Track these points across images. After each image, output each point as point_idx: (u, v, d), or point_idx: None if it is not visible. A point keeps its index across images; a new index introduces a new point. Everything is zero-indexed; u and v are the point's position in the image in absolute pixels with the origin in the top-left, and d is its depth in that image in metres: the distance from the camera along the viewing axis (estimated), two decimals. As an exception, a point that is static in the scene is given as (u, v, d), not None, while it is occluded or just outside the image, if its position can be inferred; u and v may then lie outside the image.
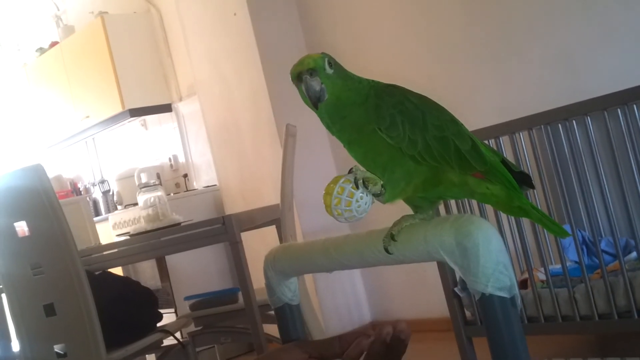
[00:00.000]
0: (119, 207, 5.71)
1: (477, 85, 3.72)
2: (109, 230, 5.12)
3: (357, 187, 0.99)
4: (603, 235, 2.83)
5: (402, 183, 1.04)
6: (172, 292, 4.57)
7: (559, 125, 2.67)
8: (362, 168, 1.03)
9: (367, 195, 1.00)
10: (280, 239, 3.13)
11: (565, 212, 2.65)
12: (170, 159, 5.80)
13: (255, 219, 3.10)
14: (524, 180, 1.12)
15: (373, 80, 1.08)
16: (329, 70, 1.03)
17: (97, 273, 2.85)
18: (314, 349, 0.84)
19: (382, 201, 1.04)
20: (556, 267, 2.82)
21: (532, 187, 1.14)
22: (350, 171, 1.01)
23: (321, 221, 4.34)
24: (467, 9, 3.73)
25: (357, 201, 0.99)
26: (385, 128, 1.02)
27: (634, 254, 2.62)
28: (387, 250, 1.08)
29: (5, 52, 7.33)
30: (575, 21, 3.31)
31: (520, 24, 3.52)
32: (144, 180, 3.75)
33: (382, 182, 1.02)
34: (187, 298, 3.32)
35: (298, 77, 1.03)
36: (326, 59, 1.03)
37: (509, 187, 1.07)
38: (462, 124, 1.08)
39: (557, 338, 3.20)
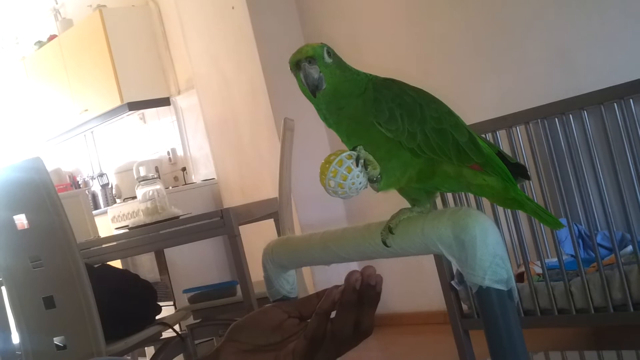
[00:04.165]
0: (117, 200, 5.71)
1: (474, 79, 3.73)
2: (108, 224, 5.13)
3: (357, 165, 0.99)
4: (599, 229, 2.84)
5: (397, 173, 1.05)
6: (170, 285, 4.59)
7: (556, 120, 2.68)
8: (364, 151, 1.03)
9: (363, 177, 1.00)
10: (279, 232, 3.14)
11: (561, 205, 2.66)
12: (168, 153, 5.80)
13: (253, 213, 3.11)
14: (520, 172, 1.13)
15: (371, 74, 1.08)
16: (328, 60, 1.03)
17: (96, 266, 2.86)
18: (293, 308, 0.84)
19: (376, 189, 1.05)
20: (552, 260, 2.83)
21: (528, 178, 1.15)
22: (354, 149, 1.01)
23: (319, 214, 4.35)
24: (464, 3, 3.73)
25: (352, 178, 0.99)
26: (384, 122, 1.03)
27: (629, 248, 2.63)
28: (385, 243, 1.09)
29: (3, 45, 7.32)
30: (572, 16, 3.31)
31: (518, 18, 3.52)
32: (142, 173, 3.75)
33: (379, 170, 1.02)
34: (185, 291, 3.33)
35: (297, 65, 1.03)
36: (325, 49, 1.03)
37: (505, 178, 1.08)
38: (459, 117, 1.09)
39: (553, 331, 3.22)
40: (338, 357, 0.81)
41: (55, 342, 2.59)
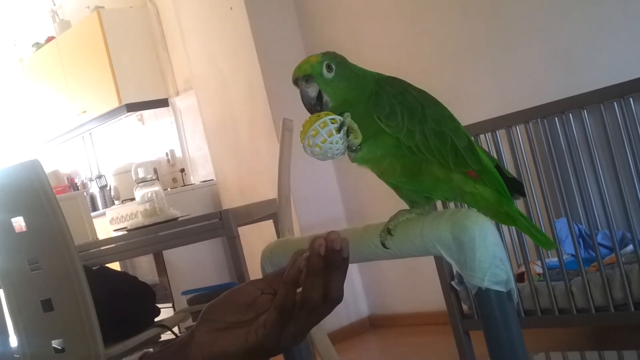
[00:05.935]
0: (116, 202, 5.70)
1: (474, 79, 3.72)
2: (107, 226, 5.12)
3: (339, 131, 0.99)
4: (599, 228, 2.83)
5: (379, 152, 1.04)
6: (169, 287, 4.58)
7: (556, 119, 2.67)
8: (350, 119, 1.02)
9: (342, 144, 1.00)
10: (278, 234, 3.13)
11: (562, 205, 2.66)
12: (167, 154, 5.79)
13: (252, 214, 3.10)
14: (517, 189, 1.12)
15: (377, 73, 1.08)
16: (328, 75, 1.02)
17: (94, 268, 2.85)
18: (265, 285, 0.84)
19: (352, 159, 1.05)
20: (553, 260, 2.82)
21: (524, 195, 1.14)
22: (341, 114, 1.01)
23: (318, 216, 4.34)
24: (464, 3, 3.73)
25: (331, 142, 0.99)
26: (384, 116, 1.02)
27: (630, 247, 2.62)
28: (384, 245, 1.08)
29: (1, 47, 7.31)
30: (572, 15, 3.31)
31: (517, 18, 3.51)
32: (141, 175, 3.74)
33: (361, 140, 1.02)
34: (184, 293, 3.32)
35: (296, 82, 1.03)
36: (325, 64, 1.02)
37: (500, 190, 1.07)
38: (460, 123, 1.08)
39: (554, 331, 3.21)
40: (311, 327, 0.80)
41: (53, 345, 2.58)
